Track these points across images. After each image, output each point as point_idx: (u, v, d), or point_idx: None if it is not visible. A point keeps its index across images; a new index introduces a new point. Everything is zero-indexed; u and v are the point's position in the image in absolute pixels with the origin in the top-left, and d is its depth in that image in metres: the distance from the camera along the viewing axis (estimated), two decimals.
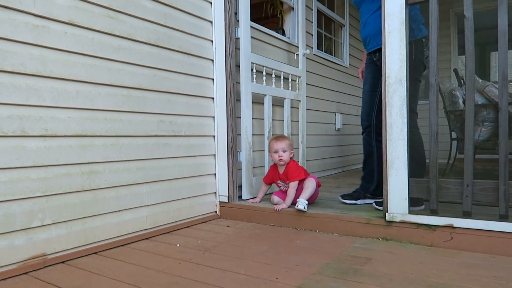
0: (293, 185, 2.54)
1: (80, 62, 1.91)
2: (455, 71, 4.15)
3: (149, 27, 2.26)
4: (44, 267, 1.76)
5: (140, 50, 2.21)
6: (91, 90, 1.96)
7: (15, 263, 1.67)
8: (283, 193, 2.65)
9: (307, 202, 2.42)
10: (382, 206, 2.18)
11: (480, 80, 3.39)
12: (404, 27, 2.02)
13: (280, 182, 2.68)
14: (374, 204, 2.54)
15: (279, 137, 2.65)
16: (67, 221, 1.86)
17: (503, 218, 1.86)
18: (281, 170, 2.64)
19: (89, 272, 1.69)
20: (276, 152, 2.59)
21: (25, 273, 1.69)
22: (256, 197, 2.79)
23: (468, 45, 1.92)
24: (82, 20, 1.91)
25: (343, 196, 2.68)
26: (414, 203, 2.13)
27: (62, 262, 1.82)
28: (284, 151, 2.58)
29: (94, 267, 1.75)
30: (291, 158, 2.64)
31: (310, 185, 2.52)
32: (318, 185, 2.65)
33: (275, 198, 2.66)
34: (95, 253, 1.96)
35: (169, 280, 1.58)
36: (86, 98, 1.94)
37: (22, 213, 1.69)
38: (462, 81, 3.95)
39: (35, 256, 1.74)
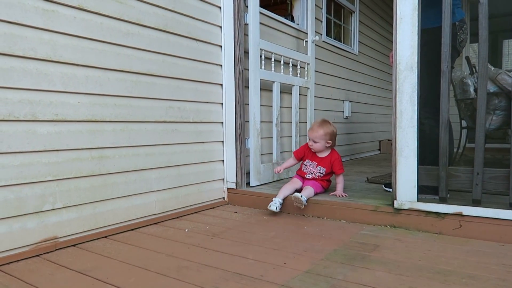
0: (342, 178, 2.56)
1: (89, 47, 1.91)
2: (467, 58, 4.08)
3: (158, 12, 2.25)
4: (56, 250, 1.79)
5: (148, 36, 2.20)
6: (100, 75, 1.96)
7: (28, 245, 1.70)
8: (302, 178, 2.62)
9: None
10: (391, 188, 2.17)
11: (493, 68, 3.33)
12: (417, 13, 1.98)
13: (309, 163, 2.60)
14: (383, 186, 2.53)
15: (313, 127, 2.57)
16: (78, 205, 1.88)
17: None
18: (320, 154, 2.58)
19: (100, 255, 1.72)
20: (309, 140, 2.59)
21: (37, 255, 1.72)
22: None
23: (482, 31, 1.88)
24: (91, 5, 1.90)
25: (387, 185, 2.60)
26: (435, 192, 2.08)
27: (73, 245, 1.85)
28: (314, 142, 2.53)
29: (105, 251, 1.78)
30: (331, 147, 2.59)
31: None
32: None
33: (297, 182, 2.58)
34: (105, 237, 1.99)
35: (178, 264, 1.60)
36: (96, 83, 1.95)
37: (33, 196, 1.72)
38: (474, 68, 3.89)
39: (46, 239, 1.77)
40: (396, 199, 2.08)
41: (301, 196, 2.30)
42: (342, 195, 2.45)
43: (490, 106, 3.30)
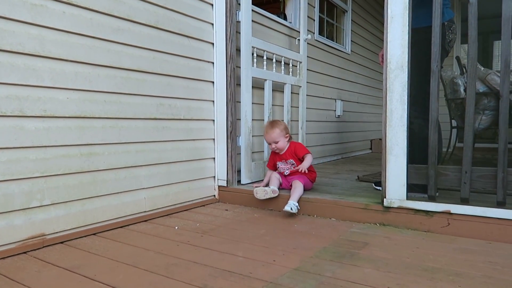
0: (309, 157, 2.57)
1: (78, 42, 1.89)
2: (457, 58, 4.11)
3: (149, 9, 2.23)
4: (43, 247, 1.77)
5: (139, 32, 2.18)
6: (90, 71, 1.95)
7: (14, 242, 1.68)
8: (284, 177, 2.65)
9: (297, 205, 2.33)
10: (380, 187, 2.18)
11: (482, 68, 3.36)
12: (408, 12, 1.99)
13: (280, 164, 2.66)
14: (373, 185, 2.53)
15: (267, 131, 2.62)
16: (66, 202, 1.87)
17: (501, 205, 1.87)
18: (282, 151, 2.64)
19: (88, 253, 1.71)
20: (269, 144, 2.65)
21: (24, 252, 1.70)
22: (261, 181, 2.81)
23: (472, 31, 1.90)
24: (81, 0, 1.88)
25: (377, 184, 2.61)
26: (424, 190, 2.10)
27: (61, 243, 1.83)
28: (275, 143, 2.59)
29: (93, 248, 1.77)
30: (289, 141, 2.65)
31: (299, 185, 2.45)
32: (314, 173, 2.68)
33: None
34: (94, 234, 1.97)
35: (167, 261, 1.59)
36: (85, 80, 1.93)
37: (21, 193, 1.70)
38: (464, 69, 3.92)
39: (34, 236, 1.75)
40: (385, 197, 2.09)
41: (291, 208, 2.25)
42: (303, 170, 2.48)
43: (479, 106, 3.33)
